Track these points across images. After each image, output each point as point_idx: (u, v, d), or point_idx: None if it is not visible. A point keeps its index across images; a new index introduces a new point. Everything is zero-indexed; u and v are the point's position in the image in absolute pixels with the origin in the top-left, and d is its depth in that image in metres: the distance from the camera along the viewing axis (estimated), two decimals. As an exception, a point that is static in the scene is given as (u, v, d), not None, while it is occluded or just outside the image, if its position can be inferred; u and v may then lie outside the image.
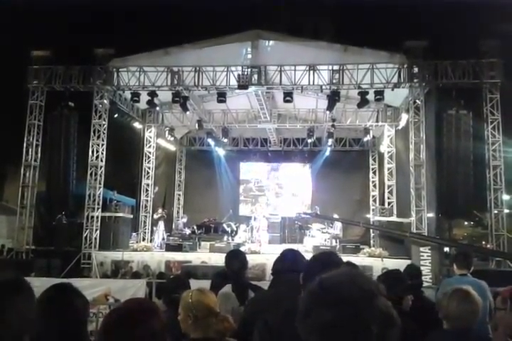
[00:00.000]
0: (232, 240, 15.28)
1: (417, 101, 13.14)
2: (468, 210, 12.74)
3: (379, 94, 12.85)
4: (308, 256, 2.57)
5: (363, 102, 13.21)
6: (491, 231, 12.32)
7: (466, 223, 17.70)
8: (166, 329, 1.57)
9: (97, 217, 13.80)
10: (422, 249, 11.20)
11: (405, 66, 12.65)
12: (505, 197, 13.69)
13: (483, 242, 17.88)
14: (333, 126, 16.18)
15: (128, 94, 14.37)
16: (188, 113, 15.32)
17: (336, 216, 15.03)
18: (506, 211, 13.28)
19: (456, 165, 12.34)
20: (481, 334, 2.70)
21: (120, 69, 13.72)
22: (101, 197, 14.11)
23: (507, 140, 13.00)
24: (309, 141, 17.40)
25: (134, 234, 16.14)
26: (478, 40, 12.76)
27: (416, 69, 12.58)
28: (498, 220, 12.34)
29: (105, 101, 14.10)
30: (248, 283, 3.58)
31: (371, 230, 16.60)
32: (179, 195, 20.26)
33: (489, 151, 12.55)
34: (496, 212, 12.42)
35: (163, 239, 15.42)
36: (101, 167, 14.15)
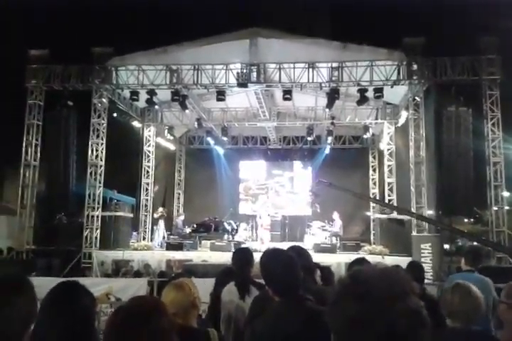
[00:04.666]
0: (233, 239, 15.29)
1: (417, 98, 13.12)
2: (469, 207, 12.72)
3: (378, 91, 12.83)
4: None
5: (363, 100, 13.18)
6: (491, 228, 12.31)
7: (466, 220, 17.70)
8: (174, 328, 1.57)
9: (98, 217, 13.77)
10: (422, 245, 11.21)
11: (404, 63, 12.62)
12: (506, 193, 13.70)
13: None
14: (332, 123, 16.16)
15: (127, 93, 14.33)
16: (187, 111, 15.28)
17: (336, 213, 15.03)
18: (506, 208, 13.26)
19: (456, 162, 12.32)
20: (484, 331, 2.69)
21: (119, 68, 13.67)
22: (101, 197, 14.08)
23: (507, 136, 12.99)
24: (309, 138, 17.40)
25: (134, 233, 16.14)
26: (477, 36, 12.72)
27: (415, 66, 12.54)
28: (499, 217, 12.31)
29: (104, 100, 14.07)
30: (251, 279, 3.59)
31: (371, 227, 16.62)
32: (179, 193, 20.26)
33: (489, 148, 12.52)
34: (496, 208, 12.40)
35: (164, 237, 15.42)
36: (100, 166, 14.13)
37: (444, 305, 2.57)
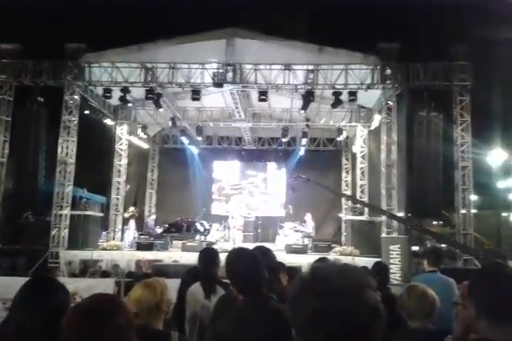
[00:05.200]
0: (205, 239, 15.20)
1: (389, 102, 13.31)
2: (437, 210, 12.99)
3: (352, 94, 12.99)
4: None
5: (337, 102, 13.32)
6: (458, 231, 12.60)
7: (434, 222, 18.09)
8: (133, 326, 1.54)
9: (66, 215, 13.49)
10: (391, 247, 11.38)
11: (378, 67, 12.81)
12: (473, 197, 14.03)
13: (452, 241, 18.25)
14: (307, 125, 16.28)
15: (100, 90, 14.11)
16: (161, 110, 15.14)
17: (308, 215, 15.12)
18: (474, 211, 13.61)
19: (426, 165, 12.58)
20: (441, 329, 2.75)
21: (92, 65, 13.47)
22: (70, 195, 13.81)
23: (476, 141, 13.34)
24: (284, 140, 17.48)
25: (104, 232, 15.86)
26: (450, 43, 13.03)
27: (389, 71, 12.74)
28: (466, 220, 12.62)
29: (76, 97, 13.80)
30: (218, 280, 3.57)
31: (343, 229, 16.79)
32: (151, 193, 20.01)
33: (458, 152, 12.82)
34: (463, 211, 12.70)
35: (134, 237, 15.21)
36: (70, 164, 13.84)
37: (402, 307, 2.62)
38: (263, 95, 13.35)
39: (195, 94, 13.54)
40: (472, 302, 1.64)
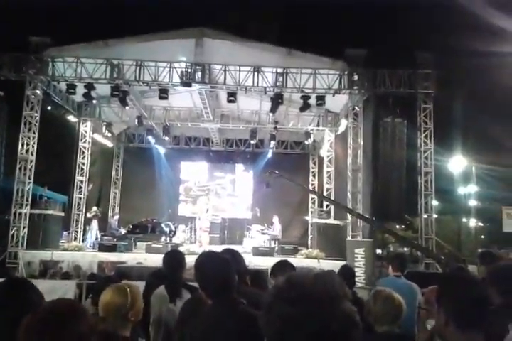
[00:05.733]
0: (170, 241, 14.99)
1: (356, 107, 13.53)
2: (400, 214, 13.29)
3: (320, 99, 13.12)
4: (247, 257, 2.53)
5: (305, 106, 13.43)
6: (420, 235, 12.92)
7: (397, 226, 18.52)
8: (95, 332, 1.49)
9: (26, 214, 13.04)
10: (356, 250, 11.53)
11: (346, 73, 12.98)
12: (435, 202, 14.43)
13: (413, 245, 18.69)
14: (275, 128, 16.33)
15: (63, 86, 13.71)
16: (127, 108, 14.84)
17: (276, 217, 15.16)
18: (435, 216, 13.99)
19: (391, 170, 12.85)
20: (406, 333, 2.80)
21: (56, 59, 13.08)
22: (30, 193, 13.36)
23: (438, 148, 13.74)
24: (252, 142, 17.46)
25: (65, 232, 15.40)
26: (415, 51, 13.36)
27: (356, 77, 12.94)
28: (428, 224, 12.96)
29: (38, 91, 13.37)
30: (184, 283, 3.50)
31: (309, 232, 16.93)
32: (115, 193, 19.60)
33: (421, 158, 13.16)
34: (425, 216, 13.03)
35: (97, 238, 14.84)
36: (31, 161, 13.40)
37: (368, 312, 2.64)
38: (232, 96, 13.31)
39: (163, 92, 13.36)
40: (441, 309, 1.66)
